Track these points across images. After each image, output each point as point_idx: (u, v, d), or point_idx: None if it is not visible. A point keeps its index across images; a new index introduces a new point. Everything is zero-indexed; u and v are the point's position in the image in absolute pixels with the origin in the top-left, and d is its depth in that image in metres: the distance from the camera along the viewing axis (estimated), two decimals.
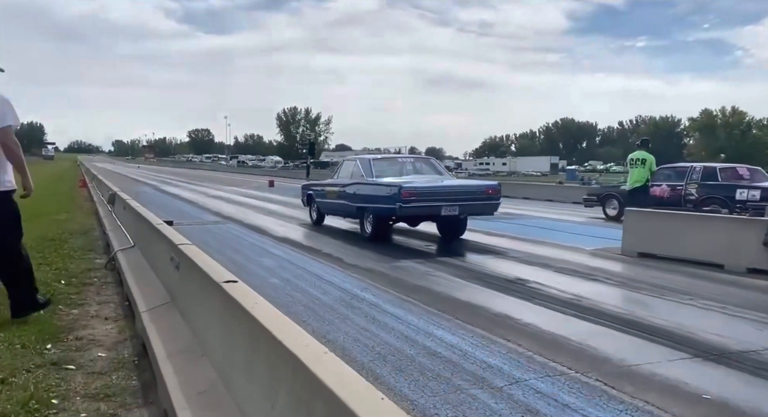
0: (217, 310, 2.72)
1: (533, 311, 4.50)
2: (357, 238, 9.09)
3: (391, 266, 6.52)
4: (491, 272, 6.15)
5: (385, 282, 5.61)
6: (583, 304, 4.73)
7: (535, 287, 5.38)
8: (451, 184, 9.10)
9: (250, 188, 25.20)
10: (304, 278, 5.84)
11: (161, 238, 4.58)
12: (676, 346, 3.62)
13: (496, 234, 9.56)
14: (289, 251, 7.65)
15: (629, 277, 5.95)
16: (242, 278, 5.20)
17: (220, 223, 11.33)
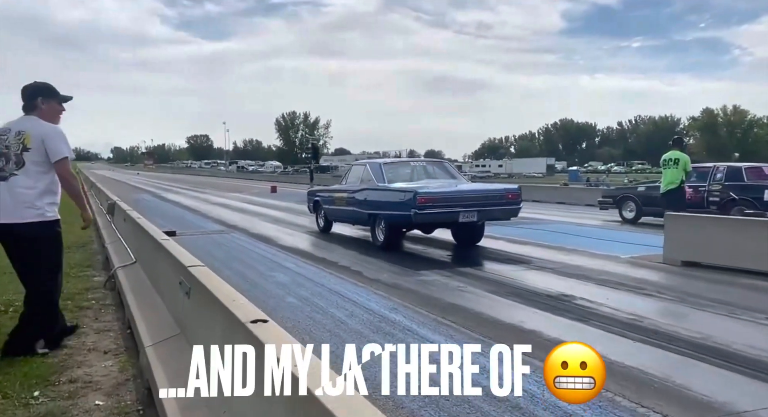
0: (242, 358, 2.17)
1: (593, 336, 3.94)
2: (369, 247, 8.55)
3: (417, 281, 5.98)
4: (529, 287, 5.60)
5: (415, 300, 5.06)
6: (647, 325, 4.18)
7: (584, 305, 4.83)
8: (469, 189, 8.56)
9: (253, 194, 24.66)
10: (323, 297, 5.29)
11: (167, 256, 4.03)
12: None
13: (518, 241, 9.01)
14: (303, 264, 7.10)
15: (685, 291, 5.39)
16: (256, 297, 4.64)
17: (224, 232, 10.78)
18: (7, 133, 3.39)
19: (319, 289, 5.61)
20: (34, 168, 3.35)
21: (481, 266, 6.85)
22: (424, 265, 7.14)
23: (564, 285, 5.63)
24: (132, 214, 7.26)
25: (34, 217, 3.38)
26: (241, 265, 7.03)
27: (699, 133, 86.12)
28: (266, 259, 7.50)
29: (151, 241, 4.95)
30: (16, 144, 3.34)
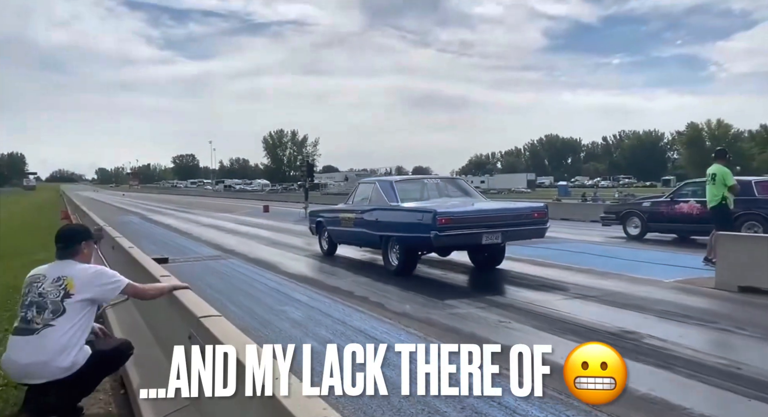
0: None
1: (692, 390, 3.28)
2: (382, 273, 7.85)
3: (449, 314, 5.27)
4: (580, 321, 4.93)
5: (458, 342, 4.35)
6: (750, 375, 3.52)
7: (658, 345, 4.17)
8: (492, 208, 7.92)
9: (244, 214, 23.83)
10: (348, 338, 4.56)
11: (171, 302, 3.30)
12: None
13: (541, 262, 8.38)
14: (315, 295, 6.36)
15: (764, 326, 4.75)
16: (271, 340, 3.88)
17: (221, 258, 10.00)
18: (42, 281, 2.97)
19: (341, 328, 4.88)
20: (77, 315, 2.89)
21: (513, 294, 6.16)
22: (449, 293, 6.45)
23: (619, 318, 4.97)
24: (122, 242, 6.49)
25: (71, 369, 2.87)
26: (246, 298, 6.27)
27: (684, 148, 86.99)
28: (273, 290, 6.75)
29: (148, 277, 4.20)
30: (56, 291, 2.90)
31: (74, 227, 3.25)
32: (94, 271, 3.00)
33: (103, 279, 2.99)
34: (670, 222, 11.53)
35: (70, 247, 3.03)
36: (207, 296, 6.44)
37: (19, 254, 11.01)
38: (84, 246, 3.09)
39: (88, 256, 3.14)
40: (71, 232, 3.14)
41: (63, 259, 3.01)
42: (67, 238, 3.06)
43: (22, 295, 2.95)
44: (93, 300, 2.95)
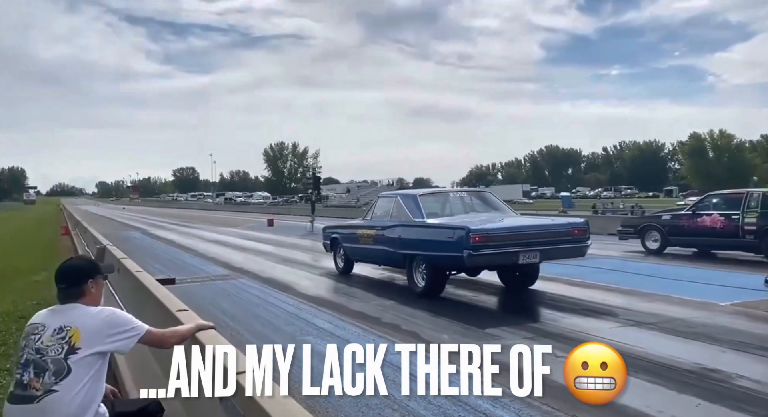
0: None
1: None
2: (406, 294, 7.29)
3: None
4: (645, 354, 4.36)
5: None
6: None
7: (755, 389, 3.59)
8: (529, 225, 7.37)
9: (249, 229, 23.28)
10: (388, 378, 3.99)
11: (194, 343, 2.75)
12: None
13: (578, 283, 7.82)
14: (339, 322, 5.79)
15: None
16: (299, 379, 3.48)
17: (230, 277, 9.43)
18: (40, 332, 2.35)
19: None
20: (85, 374, 2.31)
21: (559, 322, 5.59)
22: (487, 319, 5.89)
23: (691, 351, 4.41)
24: (129, 264, 5.93)
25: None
26: (263, 326, 5.71)
27: (687, 158, 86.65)
28: (292, 316, 6.18)
29: (160, 311, 3.65)
30: (57, 345, 2.31)
31: (78, 263, 2.63)
32: (104, 317, 2.42)
33: (117, 326, 2.42)
34: (691, 235, 11.09)
35: (74, 288, 2.47)
36: (220, 323, 5.90)
37: (18, 274, 10.45)
38: (91, 285, 2.53)
39: (97, 295, 2.58)
40: (75, 268, 2.55)
41: (66, 302, 2.45)
42: (71, 277, 2.49)
43: (19, 349, 2.39)
44: (105, 353, 2.39)
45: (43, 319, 2.39)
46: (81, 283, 2.50)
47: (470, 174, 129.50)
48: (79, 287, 2.49)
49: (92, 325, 2.35)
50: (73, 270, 2.53)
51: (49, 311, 2.44)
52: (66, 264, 2.55)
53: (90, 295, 2.53)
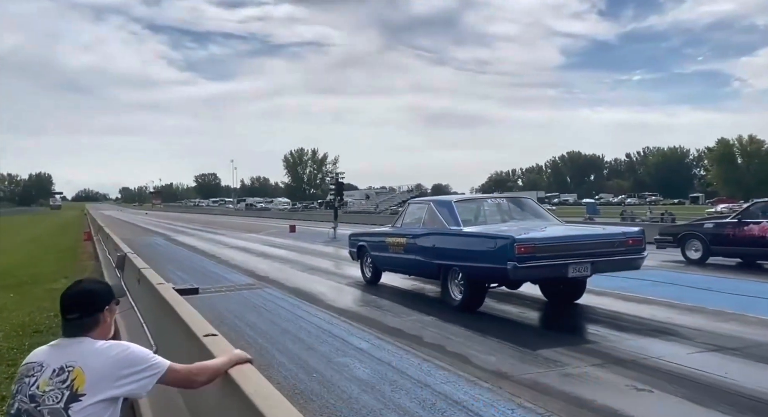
0: None
1: None
2: (444, 309, 6.76)
3: (561, 375, 4.12)
4: (743, 389, 3.74)
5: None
6: None
7: None
8: (579, 234, 6.77)
9: (271, 235, 22.95)
10: (440, 411, 3.45)
11: (227, 382, 2.25)
12: None
13: (631, 297, 7.18)
14: (377, 341, 5.26)
15: None
16: (340, 412, 2.90)
17: (255, 286, 8.99)
18: (36, 373, 1.88)
19: (427, 395, 3.76)
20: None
21: (627, 345, 4.96)
22: (542, 340, 5.30)
23: None
24: (148, 274, 5.48)
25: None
26: (295, 344, 5.21)
27: (714, 164, 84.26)
28: (324, 333, 5.67)
29: (184, 334, 3.18)
30: (56, 391, 1.83)
31: (93, 286, 2.10)
32: (115, 355, 1.92)
33: (130, 365, 1.91)
34: (737, 245, 10.41)
35: (88, 318, 1.98)
36: (247, 339, 5.43)
37: (37, 281, 10.19)
38: (107, 314, 2.05)
39: (110, 326, 2.10)
40: (91, 294, 2.03)
41: (73, 335, 1.97)
42: (86, 305, 1.98)
43: (10, 396, 1.92)
44: (116, 398, 1.89)
45: (42, 357, 1.91)
46: (97, 311, 2.02)
47: (489, 180, 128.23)
48: (94, 317, 2.01)
49: (100, 364, 1.86)
50: (89, 296, 2.02)
51: (50, 347, 1.96)
52: (77, 289, 2.03)
53: (103, 326, 2.04)
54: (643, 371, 4.13)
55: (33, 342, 5.08)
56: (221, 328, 5.82)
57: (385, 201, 62.14)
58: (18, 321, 6.21)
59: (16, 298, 8.37)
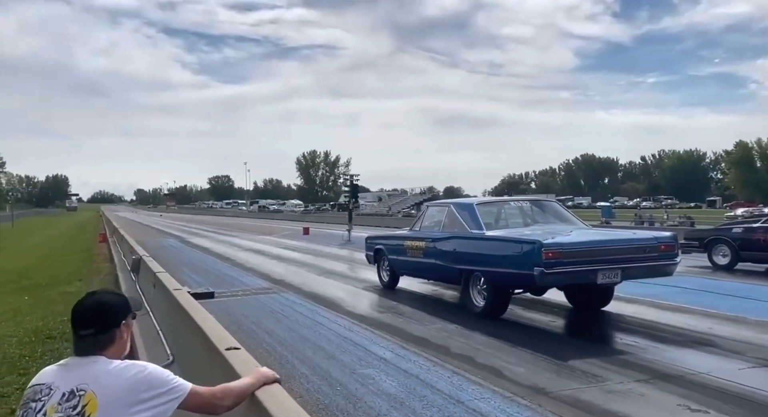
0: None
1: None
2: (467, 315, 6.50)
3: (605, 392, 3.83)
4: None
5: None
6: None
7: None
8: (609, 239, 6.47)
9: (285, 237, 22.81)
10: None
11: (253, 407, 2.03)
12: None
13: (663, 304, 6.86)
14: (401, 351, 5.01)
15: None
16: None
17: (272, 291, 8.79)
18: (43, 398, 1.66)
19: (459, 412, 3.51)
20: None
21: (667, 357, 4.66)
22: (570, 350, 5.01)
23: None
24: (164, 278, 5.29)
25: None
26: (315, 353, 4.97)
27: (733, 167, 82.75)
28: (346, 341, 5.43)
29: (204, 345, 2.97)
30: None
31: (109, 299, 1.86)
32: (131, 376, 1.69)
33: (148, 388, 1.68)
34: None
35: (104, 334, 1.77)
36: (266, 347, 5.21)
37: (52, 284, 10.11)
38: (123, 329, 1.83)
39: (126, 343, 1.88)
40: (107, 308, 1.80)
41: (86, 354, 1.74)
42: (102, 320, 1.77)
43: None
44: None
45: (51, 378, 1.69)
46: (113, 326, 1.80)
47: (502, 183, 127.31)
48: (110, 333, 1.79)
49: (115, 388, 1.63)
50: (104, 309, 1.79)
51: (60, 367, 1.74)
52: (91, 301, 1.80)
53: (119, 343, 1.83)
54: (693, 388, 3.83)
55: (45, 349, 4.92)
56: (238, 335, 5.61)
57: (398, 203, 61.86)
58: (31, 326, 6.06)
59: (31, 300, 8.27)
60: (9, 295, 9.20)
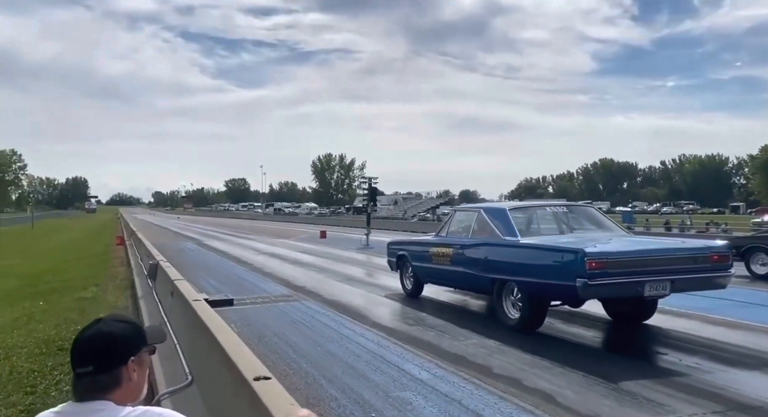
0: None
1: None
2: (498, 327, 6.09)
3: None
4: None
5: None
6: None
7: None
8: (657, 248, 5.99)
9: (302, 240, 22.52)
10: None
11: None
12: None
13: (719, 320, 6.36)
14: (438, 371, 4.58)
15: None
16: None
17: (292, 298, 8.43)
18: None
19: None
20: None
21: (738, 382, 4.17)
22: (623, 371, 4.53)
23: None
24: (183, 288, 4.93)
25: None
26: (344, 371, 4.57)
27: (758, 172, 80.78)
28: (376, 357, 5.02)
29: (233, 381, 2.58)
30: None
31: (115, 329, 1.45)
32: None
33: None
34: None
35: (105, 373, 1.39)
36: (291, 364, 4.82)
37: (68, 288, 9.87)
38: (133, 367, 1.45)
39: (140, 383, 1.48)
40: (109, 341, 1.42)
41: (88, 397, 1.36)
42: (102, 356, 1.40)
43: None
44: None
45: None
46: (118, 364, 1.42)
47: (519, 187, 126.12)
48: (114, 372, 1.40)
49: None
50: (107, 342, 1.41)
51: (56, 416, 1.36)
52: (93, 331, 1.42)
53: (128, 386, 1.44)
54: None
55: (56, 362, 4.59)
56: (260, 348, 5.25)
57: (413, 207, 61.37)
58: (43, 335, 5.76)
59: (45, 306, 8.02)
60: (25, 299, 8.98)
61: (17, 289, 10.50)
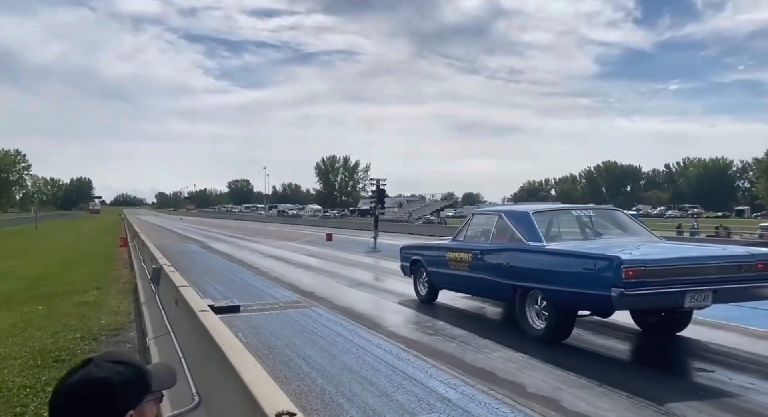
0: None
1: None
2: (521, 337, 5.74)
3: None
4: None
5: None
6: None
7: None
8: (698, 255, 5.57)
9: (308, 243, 22.16)
10: None
11: None
12: None
13: (758, 332, 5.94)
14: (465, 387, 4.20)
15: None
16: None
17: (302, 304, 8.05)
18: None
19: None
20: None
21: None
22: (672, 392, 4.13)
23: None
24: (188, 296, 4.55)
25: None
26: (362, 388, 4.19)
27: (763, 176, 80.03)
28: (395, 371, 4.63)
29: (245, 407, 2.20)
30: None
31: (107, 375, 1.06)
32: None
33: None
34: None
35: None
36: (305, 379, 4.40)
37: (69, 292, 9.51)
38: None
39: None
40: (99, 390, 1.04)
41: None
42: (90, 413, 1.04)
43: None
44: None
45: None
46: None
47: (522, 190, 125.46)
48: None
49: None
50: (98, 394, 1.04)
51: None
52: (79, 377, 1.06)
53: None
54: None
55: (51, 377, 4.22)
56: (272, 362, 4.86)
57: (418, 209, 60.94)
58: (39, 344, 5.40)
59: (44, 311, 7.67)
60: (24, 303, 8.63)
61: (17, 291, 10.17)
